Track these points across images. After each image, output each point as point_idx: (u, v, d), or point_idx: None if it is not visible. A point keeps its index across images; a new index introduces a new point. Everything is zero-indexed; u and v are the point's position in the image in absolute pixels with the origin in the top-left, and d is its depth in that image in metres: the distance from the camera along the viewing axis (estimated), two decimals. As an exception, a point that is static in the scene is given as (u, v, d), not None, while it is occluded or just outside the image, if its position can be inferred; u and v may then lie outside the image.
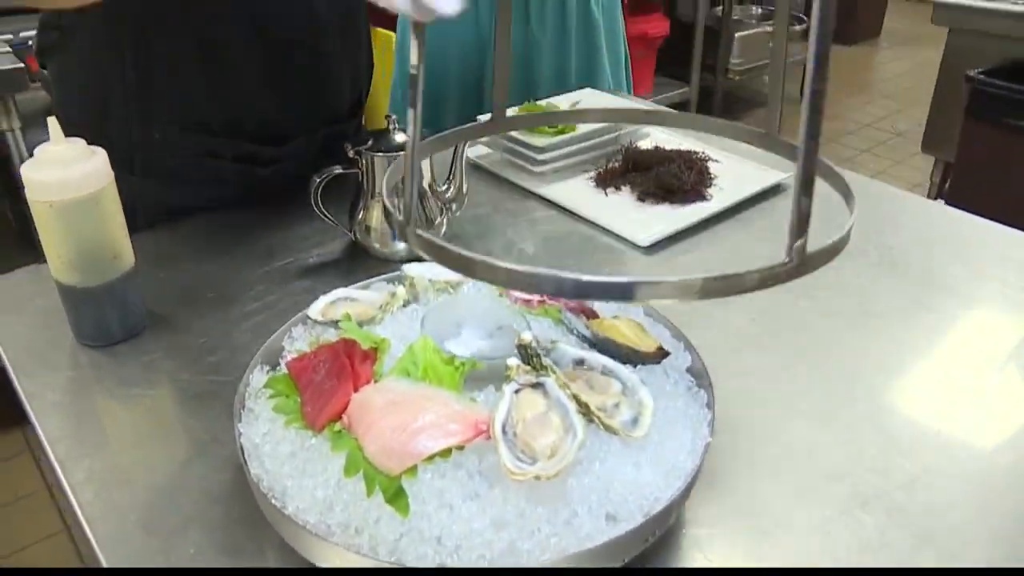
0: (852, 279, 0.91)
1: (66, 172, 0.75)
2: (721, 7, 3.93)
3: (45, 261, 0.80)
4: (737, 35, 4.00)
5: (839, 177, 0.49)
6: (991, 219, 1.02)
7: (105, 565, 0.58)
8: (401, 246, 0.90)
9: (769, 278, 0.39)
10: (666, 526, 0.53)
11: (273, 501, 0.52)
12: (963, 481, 0.64)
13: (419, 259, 0.84)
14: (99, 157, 0.77)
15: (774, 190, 1.09)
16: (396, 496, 0.50)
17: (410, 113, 0.41)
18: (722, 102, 4.08)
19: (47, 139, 0.77)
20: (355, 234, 0.91)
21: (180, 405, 0.75)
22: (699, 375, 0.62)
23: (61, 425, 0.72)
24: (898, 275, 0.91)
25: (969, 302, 0.88)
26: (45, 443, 0.71)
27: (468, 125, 0.64)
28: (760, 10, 4.71)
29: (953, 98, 2.31)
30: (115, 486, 0.65)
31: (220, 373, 0.77)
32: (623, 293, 0.36)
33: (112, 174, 0.78)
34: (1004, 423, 0.71)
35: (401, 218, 0.40)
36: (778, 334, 0.82)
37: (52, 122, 0.76)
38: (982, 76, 2.08)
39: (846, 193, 0.47)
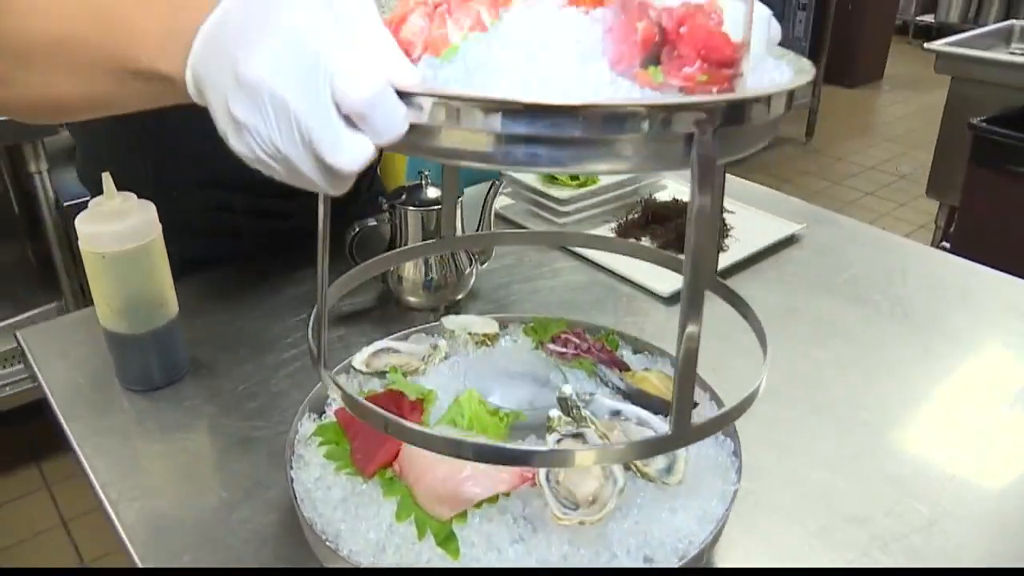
0: (863, 328, 0.94)
1: (118, 225, 0.79)
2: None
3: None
4: (742, 79, 4.07)
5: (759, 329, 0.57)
6: (995, 264, 1.06)
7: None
8: (433, 298, 0.93)
9: (651, 449, 0.49)
10: (699, 567, 0.56)
11: (328, 543, 0.56)
12: (972, 524, 0.67)
13: (455, 311, 0.88)
14: (149, 211, 0.81)
15: (788, 241, 1.13)
16: (447, 539, 0.53)
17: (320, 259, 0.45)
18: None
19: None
20: (387, 284, 0.95)
21: (223, 450, 0.78)
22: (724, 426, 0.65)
23: (109, 468, 0.76)
24: (907, 324, 0.95)
25: (974, 349, 0.91)
26: (97, 487, 0.74)
27: (390, 253, 0.73)
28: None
29: (956, 144, 2.37)
30: (165, 528, 0.68)
31: (261, 419, 0.80)
32: (516, 459, 0.46)
33: (160, 227, 0.82)
34: (1010, 467, 0.74)
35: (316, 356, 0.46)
36: (794, 385, 0.85)
37: (106, 177, 0.80)
38: (984, 124, 2.14)
39: (763, 342, 0.55)
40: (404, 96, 0.40)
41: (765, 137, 0.46)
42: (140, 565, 0.65)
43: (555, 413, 0.58)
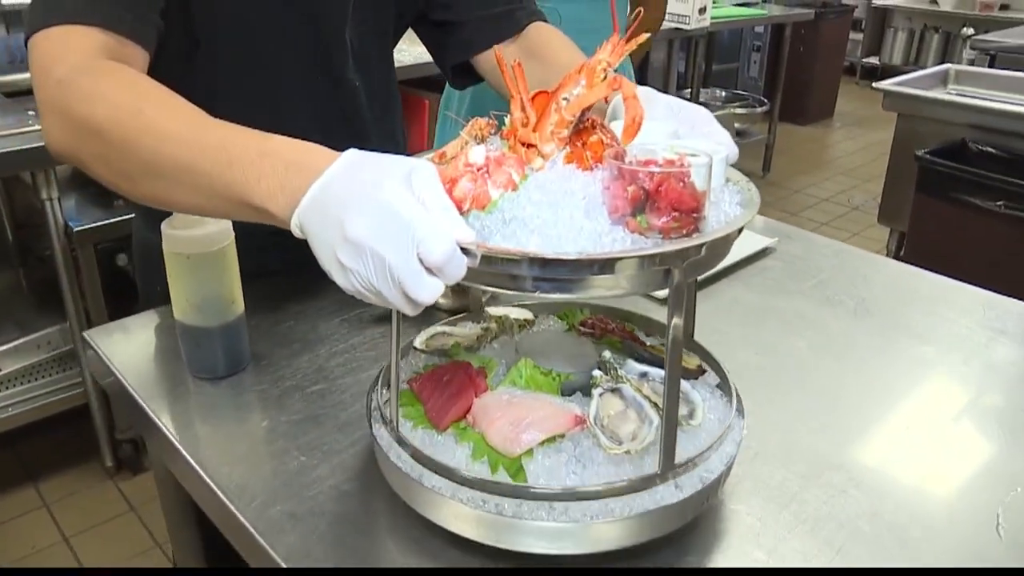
0: (832, 322, 1.10)
1: (199, 231, 0.91)
2: (689, 89, 4.25)
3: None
4: (704, 116, 4.31)
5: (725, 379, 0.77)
6: (942, 278, 1.23)
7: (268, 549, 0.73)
8: (459, 301, 1.06)
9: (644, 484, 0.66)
10: (717, 495, 0.70)
11: (414, 479, 0.68)
12: (925, 455, 0.82)
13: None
14: (224, 221, 0.93)
15: (762, 253, 1.29)
16: (517, 472, 0.66)
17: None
18: (691, 177, 4.36)
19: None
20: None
21: (294, 424, 0.89)
22: (726, 389, 0.79)
23: (190, 442, 0.87)
24: (869, 319, 1.11)
25: (925, 337, 1.07)
26: (186, 454, 0.85)
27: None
28: (724, 93, 5.07)
29: (905, 175, 2.59)
30: (254, 486, 0.79)
31: (323, 400, 0.92)
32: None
33: (233, 233, 0.94)
34: (951, 408, 0.90)
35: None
36: (777, 364, 1.00)
37: None
38: (928, 156, 2.36)
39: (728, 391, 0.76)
40: (464, 250, 0.57)
41: (722, 257, 0.67)
42: (237, 514, 0.76)
43: (597, 373, 0.72)
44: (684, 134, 0.74)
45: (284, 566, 0.70)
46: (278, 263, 1.16)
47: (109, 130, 0.73)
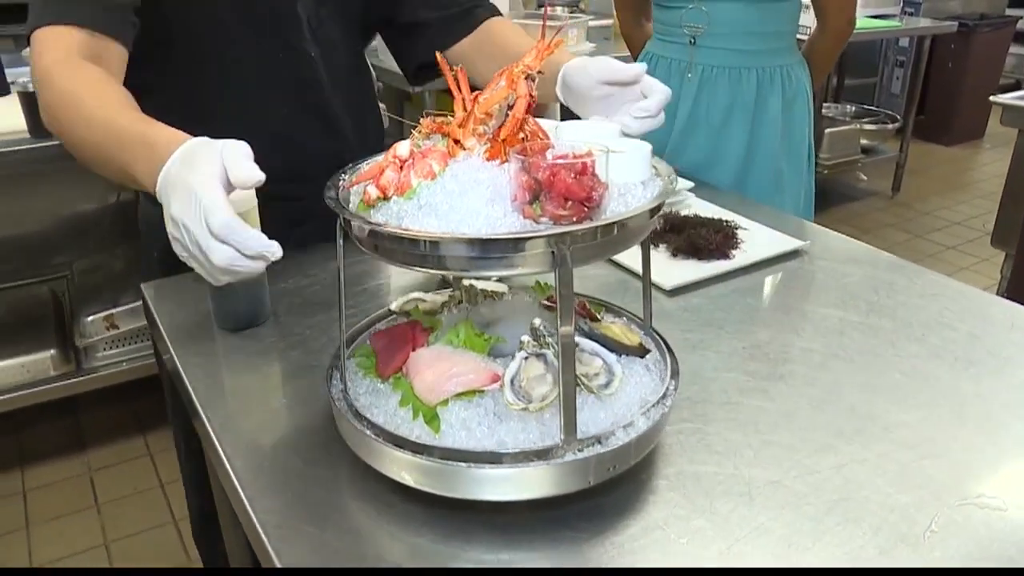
0: (838, 324, 1.08)
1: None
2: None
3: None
4: (827, 131, 4.16)
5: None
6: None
7: (233, 474, 0.82)
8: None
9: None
10: (624, 465, 0.73)
11: (352, 421, 0.75)
12: (883, 444, 0.81)
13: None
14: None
15: (792, 254, 1.28)
16: (432, 419, 0.72)
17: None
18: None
19: None
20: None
21: (290, 372, 0.99)
22: (664, 361, 0.82)
23: (206, 385, 0.97)
24: (881, 324, 1.08)
25: (931, 345, 1.03)
26: (194, 397, 0.95)
27: None
28: (853, 108, 4.86)
29: (1021, 194, 2.42)
30: (242, 422, 0.89)
31: (323, 353, 1.01)
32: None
33: (256, 200, 1.05)
34: (921, 402, 0.87)
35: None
36: (754, 360, 1.00)
37: None
38: (1041, 175, 2.19)
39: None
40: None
41: (618, 247, 0.70)
42: (217, 444, 0.86)
43: (525, 338, 0.76)
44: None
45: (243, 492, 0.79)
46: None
47: (61, 115, 0.95)
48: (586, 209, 0.65)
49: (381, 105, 2.07)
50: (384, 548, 0.72)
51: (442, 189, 0.68)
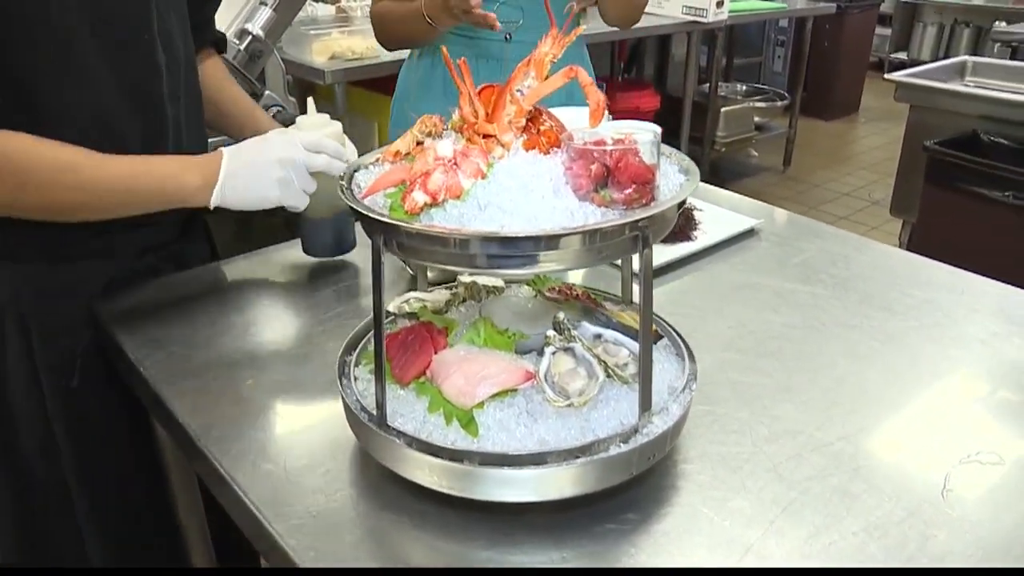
0: (809, 299, 1.12)
1: (320, 134, 1.04)
2: (708, 84, 4.25)
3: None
4: (723, 110, 4.31)
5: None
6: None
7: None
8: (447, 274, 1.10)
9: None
10: (662, 452, 0.73)
11: (379, 431, 0.72)
12: (868, 424, 0.85)
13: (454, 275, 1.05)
14: (336, 126, 1.09)
15: (748, 233, 1.32)
16: (468, 423, 0.70)
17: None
18: (708, 171, 4.36)
19: None
20: (408, 265, 1.12)
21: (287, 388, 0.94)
22: (682, 353, 0.82)
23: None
24: (846, 296, 1.13)
25: (899, 313, 1.08)
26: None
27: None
28: (744, 87, 5.06)
29: (916, 166, 2.58)
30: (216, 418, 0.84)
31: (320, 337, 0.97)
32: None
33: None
34: (914, 385, 0.91)
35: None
36: (749, 338, 1.02)
37: (310, 101, 1.11)
38: (937, 146, 2.35)
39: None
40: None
41: (673, 221, 0.71)
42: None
43: (551, 333, 0.75)
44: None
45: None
46: None
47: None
48: (651, 190, 0.65)
49: (291, 99, 1.99)
50: (426, 559, 0.70)
51: (500, 187, 0.66)
